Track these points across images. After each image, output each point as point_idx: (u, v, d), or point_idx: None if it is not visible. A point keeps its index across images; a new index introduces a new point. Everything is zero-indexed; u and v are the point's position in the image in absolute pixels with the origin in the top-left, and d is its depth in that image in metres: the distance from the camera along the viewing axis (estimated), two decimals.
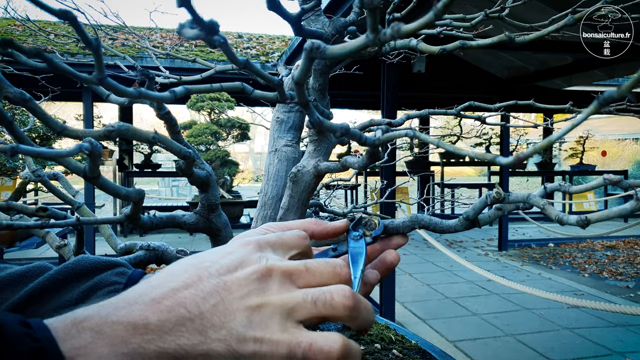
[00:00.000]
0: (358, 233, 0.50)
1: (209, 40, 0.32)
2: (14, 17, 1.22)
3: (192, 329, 0.31)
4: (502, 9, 0.80)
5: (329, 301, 0.35)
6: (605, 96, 0.25)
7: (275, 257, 0.38)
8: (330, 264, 0.38)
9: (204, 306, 0.32)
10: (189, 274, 0.34)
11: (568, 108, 0.97)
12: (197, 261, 0.36)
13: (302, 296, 0.35)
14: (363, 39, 0.30)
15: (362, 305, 0.36)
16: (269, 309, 0.33)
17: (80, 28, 0.28)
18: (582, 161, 9.87)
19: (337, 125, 0.45)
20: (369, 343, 0.94)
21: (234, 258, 0.36)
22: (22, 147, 0.33)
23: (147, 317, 0.31)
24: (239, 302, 0.33)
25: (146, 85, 0.59)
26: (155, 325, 0.31)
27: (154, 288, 0.33)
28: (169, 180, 13.72)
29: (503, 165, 0.32)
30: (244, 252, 0.37)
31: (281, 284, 0.35)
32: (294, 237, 0.41)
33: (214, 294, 0.33)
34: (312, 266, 0.37)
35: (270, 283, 0.35)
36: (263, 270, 0.35)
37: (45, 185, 0.78)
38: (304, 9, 0.60)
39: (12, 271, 0.49)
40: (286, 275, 0.36)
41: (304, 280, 0.36)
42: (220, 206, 0.79)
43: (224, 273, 0.34)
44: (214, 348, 0.31)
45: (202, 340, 0.31)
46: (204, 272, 0.34)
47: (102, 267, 0.50)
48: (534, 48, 5.17)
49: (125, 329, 0.30)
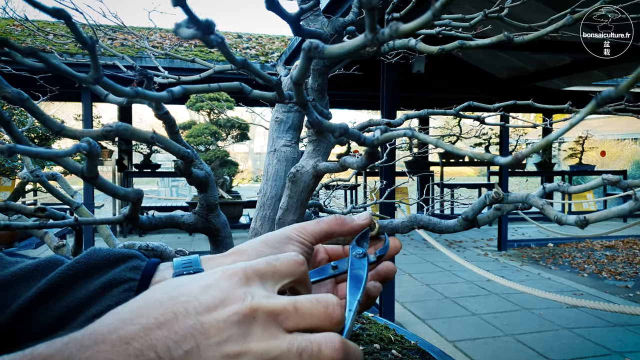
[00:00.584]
0: (362, 250, 0.47)
1: (206, 39, 0.32)
2: (12, 17, 1.21)
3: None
4: (501, 9, 0.79)
5: (316, 354, 0.32)
6: (603, 95, 0.25)
7: (262, 292, 0.34)
8: (322, 303, 0.35)
9: (176, 352, 0.29)
10: (164, 309, 0.31)
11: (567, 108, 0.97)
12: (174, 293, 0.33)
13: (287, 346, 0.32)
14: (361, 39, 0.30)
15: (352, 356, 0.34)
16: (249, 358, 0.31)
17: (75, 27, 0.28)
18: (581, 161, 9.88)
19: (335, 126, 0.45)
20: (368, 343, 0.94)
21: (215, 294, 0.33)
22: (20, 147, 0.33)
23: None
24: (214, 350, 0.30)
25: (144, 85, 0.59)
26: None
27: (125, 323, 0.30)
28: (169, 181, 13.71)
29: (502, 165, 0.32)
30: (227, 286, 0.34)
31: (265, 328, 0.32)
32: (289, 263, 0.38)
33: (188, 338, 0.30)
34: (302, 306, 0.34)
35: (253, 326, 0.32)
36: (246, 310, 0.32)
37: (43, 185, 0.78)
38: (302, 8, 0.60)
39: (24, 265, 0.47)
40: (272, 317, 0.33)
41: (292, 322, 0.34)
42: (219, 206, 0.79)
43: (202, 312, 0.31)
44: None
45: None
46: (181, 309, 0.31)
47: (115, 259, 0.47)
48: (533, 48, 5.18)
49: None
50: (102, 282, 0.45)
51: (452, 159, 9.46)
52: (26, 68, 0.57)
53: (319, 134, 0.79)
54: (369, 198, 7.68)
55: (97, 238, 6.68)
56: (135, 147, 8.54)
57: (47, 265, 0.48)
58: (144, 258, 0.49)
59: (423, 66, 5.92)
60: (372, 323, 1.08)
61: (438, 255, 6.18)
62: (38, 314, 0.43)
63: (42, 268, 0.47)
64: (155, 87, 0.79)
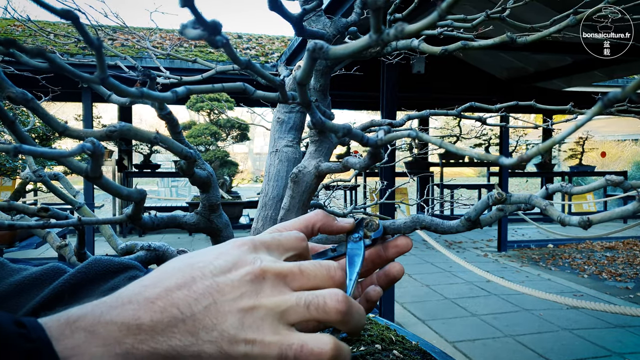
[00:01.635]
0: (358, 235, 0.50)
1: (212, 40, 0.32)
2: (14, 17, 1.22)
3: (184, 330, 0.31)
4: (503, 9, 0.80)
5: (322, 306, 0.35)
6: (610, 97, 0.25)
7: (270, 258, 0.37)
8: (324, 266, 0.38)
9: (196, 307, 0.32)
10: (183, 274, 0.34)
11: (569, 109, 0.97)
12: (191, 261, 0.36)
13: (295, 300, 0.35)
14: (366, 39, 0.30)
15: (355, 309, 0.37)
16: (262, 311, 0.34)
17: (82, 27, 0.28)
18: (581, 162, 9.88)
19: (339, 126, 0.45)
20: (369, 344, 0.94)
21: (228, 259, 0.36)
22: (25, 147, 0.33)
23: (140, 317, 0.31)
24: (231, 304, 0.33)
25: (147, 86, 0.59)
26: (148, 326, 0.31)
27: (147, 287, 0.33)
28: (168, 181, 13.70)
29: (506, 166, 0.32)
30: (238, 253, 0.37)
31: (274, 286, 0.35)
32: (291, 238, 0.41)
33: (206, 296, 0.33)
34: (306, 269, 0.37)
35: (263, 285, 0.35)
36: (257, 271, 0.35)
37: (46, 185, 0.78)
38: (305, 9, 0.60)
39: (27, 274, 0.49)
40: (280, 278, 0.36)
41: (298, 282, 0.36)
42: (221, 206, 0.79)
43: (217, 274, 0.34)
44: (205, 350, 0.31)
45: (194, 342, 0.31)
46: (198, 273, 0.34)
47: (115, 269, 0.50)
48: (534, 49, 5.18)
49: (118, 329, 0.30)
50: (102, 291, 0.48)
51: (452, 159, 9.46)
52: (29, 68, 0.57)
53: (320, 135, 0.79)
54: (368, 199, 7.68)
55: (97, 238, 6.67)
56: (135, 147, 8.54)
57: (49, 274, 0.49)
58: (141, 269, 0.53)
59: (423, 67, 5.92)
60: (373, 324, 1.08)
61: (438, 255, 6.18)
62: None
63: (45, 277, 0.49)
64: (158, 87, 0.79)
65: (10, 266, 0.51)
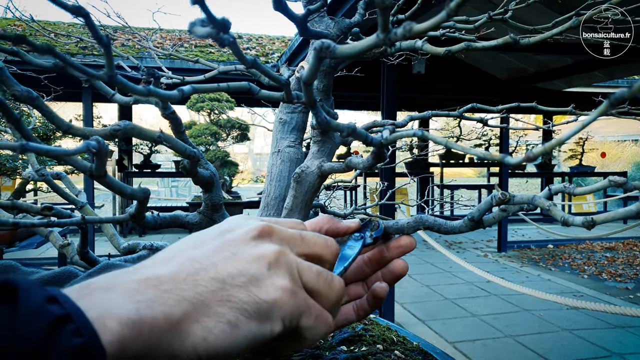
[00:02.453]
0: (360, 234, 0.50)
1: (219, 38, 0.32)
2: (16, 16, 1.22)
3: (207, 277, 0.31)
4: (506, 11, 0.80)
5: (329, 280, 0.37)
6: (617, 96, 0.25)
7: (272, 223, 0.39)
8: (322, 237, 0.40)
9: (215, 258, 0.32)
10: (193, 240, 0.35)
11: (570, 110, 0.98)
12: (196, 234, 0.37)
13: (307, 264, 0.36)
14: (374, 39, 0.30)
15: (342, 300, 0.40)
16: (283, 261, 0.34)
17: (92, 25, 0.28)
18: (581, 162, 9.88)
19: (343, 125, 0.45)
20: (371, 344, 0.94)
21: (232, 222, 0.38)
22: (32, 144, 0.33)
23: (158, 271, 0.31)
24: (250, 253, 0.33)
25: (152, 85, 0.59)
26: (167, 277, 0.30)
27: (160, 254, 0.34)
28: (168, 181, 13.69)
29: (511, 165, 0.32)
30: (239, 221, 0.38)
31: (281, 245, 0.36)
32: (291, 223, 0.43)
33: (222, 249, 0.33)
34: (306, 235, 0.39)
35: (272, 240, 0.36)
36: (262, 228, 0.36)
37: (49, 184, 0.78)
38: (309, 9, 0.60)
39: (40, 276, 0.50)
40: (285, 240, 0.37)
41: (300, 248, 0.38)
42: (224, 206, 0.79)
43: (225, 233, 0.35)
44: (235, 294, 0.31)
45: (221, 287, 0.31)
46: (205, 237, 0.35)
47: None
48: (536, 50, 5.19)
49: (137, 283, 0.29)
50: None
51: (452, 160, 9.46)
52: (32, 68, 0.57)
53: (323, 135, 0.79)
54: (369, 199, 7.69)
55: (97, 238, 6.67)
56: (136, 147, 8.54)
57: (62, 277, 0.50)
58: None
59: (424, 67, 5.92)
60: (374, 324, 1.08)
61: (438, 256, 6.18)
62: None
63: (58, 280, 0.49)
64: (162, 86, 0.79)
65: (22, 269, 0.51)
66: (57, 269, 0.51)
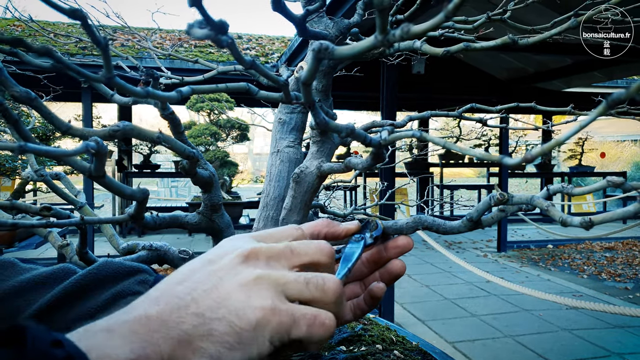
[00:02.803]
0: (360, 235, 0.50)
1: (217, 40, 0.32)
2: (15, 17, 1.21)
3: (189, 313, 0.32)
4: (504, 11, 0.80)
5: (321, 284, 0.36)
6: (614, 97, 0.25)
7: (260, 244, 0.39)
8: (313, 242, 0.40)
9: (196, 293, 0.34)
10: (182, 274, 0.36)
11: (569, 110, 0.98)
12: (183, 267, 0.38)
13: (294, 276, 0.36)
14: (372, 40, 0.30)
15: (344, 297, 0.39)
16: (264, 282, 0.35)
17: (90, 27, 0.28)
18: (581, 163, 9.88)
19: (342, 126, 0.45)
20: (370, 344, 0.94)
21: (218, 251, 0.38)
22: (30, 145, 0.33)
23: (147, 310, 0.33)
24: (231, 282, 0.34)
25: (151, 85, 0.59)
26: (155, 316, 0.32)
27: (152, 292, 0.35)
28: (168, 181, 13.68)
29: (509, 166, 0.32)
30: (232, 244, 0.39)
31: (269, 265, 0.37)
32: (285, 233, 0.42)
33: (204, 282, 0.34)
34: (296, 247, 0.39)
35: (257, 263, 0.36)
36: (247, 252, 0.36)
37: (48, 184, 0.78)
38: (308, 10, 0.60)
39: (38, 273, 0.50)
40: (273, 258, 0.37)
41: (291, 261, 0.38)
42: (223, 206, 0.79)
43: (207, 264, 0.36)
44: (215, 327, 0.32)
45: (202, 322, 0.32)
46: (195, 266, 0.37)
47: (125, 272, 0.51)
48: (535, 50, 5.19)
49: (132, 324, 0.32)
50: (112, 293, 0.49)
51: (452, 160, 9.46)
52: (31, 68, 0.57)
53: (322, 135, 0.79)
54: (368, 199, 7.68)
55: (96, 238, 6.66)
56: (135, 147, 8.54)
57: (60, 273, 0.50)
58: (152, 273, 0.54)
59: (423, 67, 5.92)
60: (374, 324, 1.08)
61: (437, 256, 6.18)
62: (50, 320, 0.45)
63: (56, 276, 0.49)
64: (161, 87, 0.79)
65: (21, 265, 0.51)
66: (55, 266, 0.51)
